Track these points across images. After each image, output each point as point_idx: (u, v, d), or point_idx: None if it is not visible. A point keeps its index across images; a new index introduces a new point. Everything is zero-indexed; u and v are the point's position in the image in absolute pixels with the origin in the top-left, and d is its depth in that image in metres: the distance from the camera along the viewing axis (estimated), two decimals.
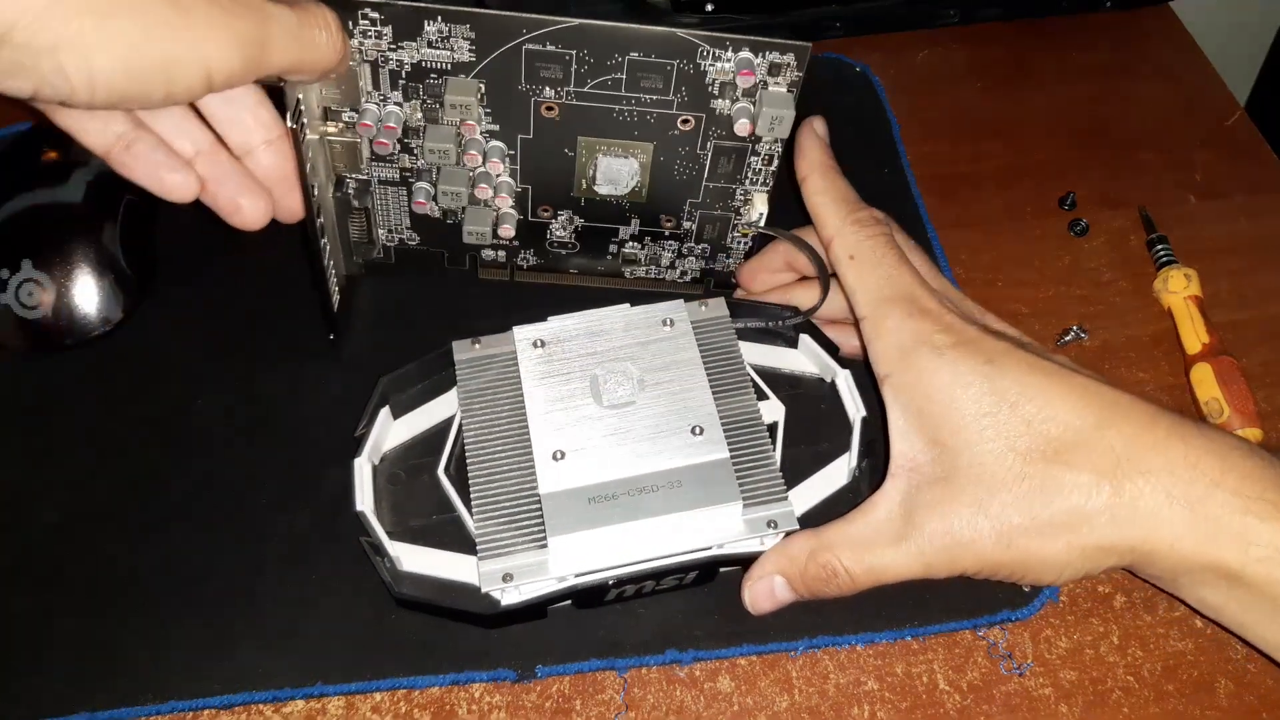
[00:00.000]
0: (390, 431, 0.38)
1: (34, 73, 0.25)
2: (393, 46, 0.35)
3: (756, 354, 0.40)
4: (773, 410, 0.39)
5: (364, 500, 0.35)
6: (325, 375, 0.41)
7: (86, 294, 0.41)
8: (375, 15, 0.34)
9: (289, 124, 0.32)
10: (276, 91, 0.33)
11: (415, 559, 0.35)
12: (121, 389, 0.41)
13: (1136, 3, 0.57)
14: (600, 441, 0.34)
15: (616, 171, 0.39)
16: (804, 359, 0.41)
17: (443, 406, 0.39)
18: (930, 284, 0.35)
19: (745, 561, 0.35)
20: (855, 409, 0.38)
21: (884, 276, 0.34)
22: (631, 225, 0.41)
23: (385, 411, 0.38)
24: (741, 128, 0.36)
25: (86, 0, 0.25)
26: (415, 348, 0.38)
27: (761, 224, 0.40)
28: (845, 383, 0.39)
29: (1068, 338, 0.44)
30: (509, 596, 0.33)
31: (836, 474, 0.38)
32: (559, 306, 0.38)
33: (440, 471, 0.37)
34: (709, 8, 0.52)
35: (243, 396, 0.41)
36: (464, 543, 0.35)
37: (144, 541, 0.37)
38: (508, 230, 0.41)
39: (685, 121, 0.37)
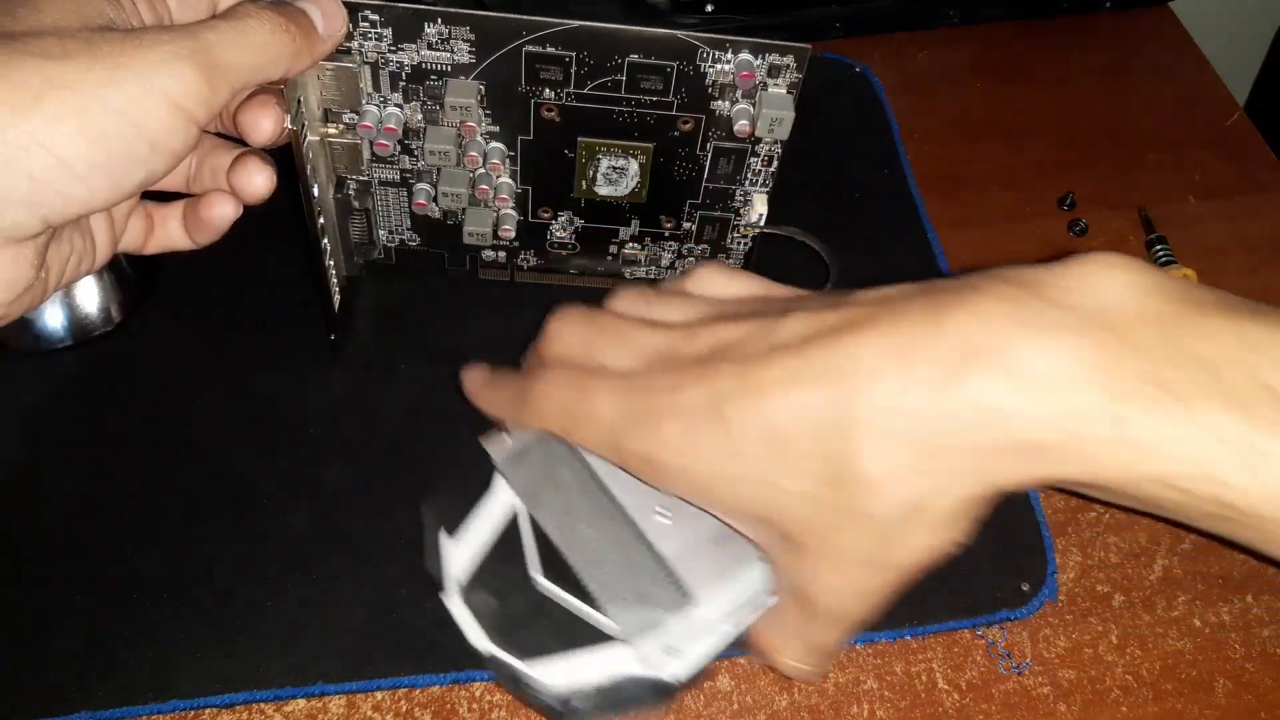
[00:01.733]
0: (454, 555, 0.33)
1: (18, 195, 0.25)
2: (393, 48, 0.35)
3: None
4: None
5: (481, 639, 0.31)
6: (325, 375, 0.41)
7: (88, 293, 0.42)
8: (375, 17, 0.34)
9: (288, 125, 0.32)
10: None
11: (557, 672, 0.31)
12: (122, 389, 0.41)
13: (1136, 3, 0.57)
14: None
15: (616, 173, 0.39)
16: None
17: (492, 511, 0.34)
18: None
19: None
20: None
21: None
22: (631, 226, 0.41)
23: (442, 535, 0.34)
24: (741, 129, 0.36)
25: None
26: (415, 348, 0.38)
27: (761, 224, 0.40)
28: None
29: None
30: (674, 667, 0.30)
31: None
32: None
33: (536, 575, 0.32)
34: (709, 8, 0.52)
35: (243, 397, 0.41)
36: (590, 637, 0.31)
37: (144, 541, 0.37)
38: (508, 231, 0.41)
39: (685, 123, 0.37)
